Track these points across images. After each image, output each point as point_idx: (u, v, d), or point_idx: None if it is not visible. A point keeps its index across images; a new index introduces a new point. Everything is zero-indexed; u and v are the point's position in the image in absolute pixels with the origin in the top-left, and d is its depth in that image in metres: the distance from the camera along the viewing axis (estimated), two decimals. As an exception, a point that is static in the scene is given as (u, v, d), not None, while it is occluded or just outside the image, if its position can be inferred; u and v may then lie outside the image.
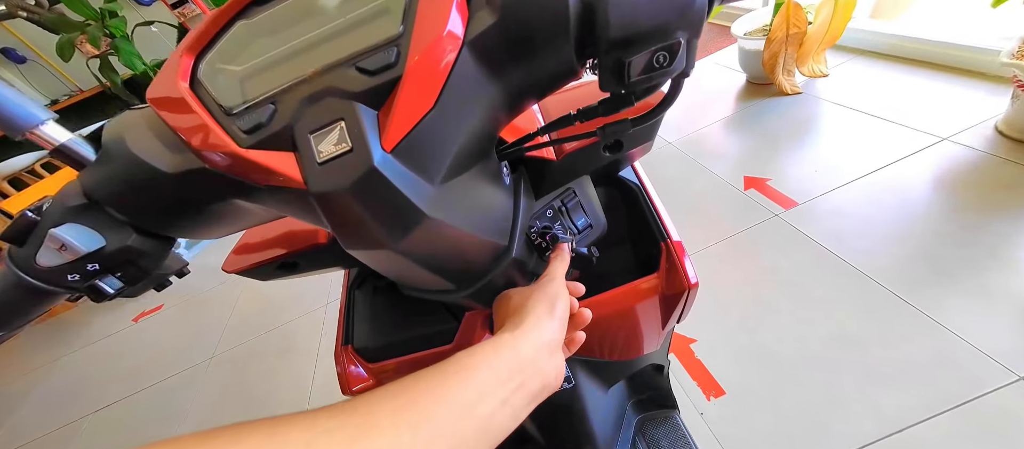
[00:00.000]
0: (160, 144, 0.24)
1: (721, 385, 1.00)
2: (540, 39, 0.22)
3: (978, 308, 0.92)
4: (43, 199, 0.26)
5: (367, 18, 0.23)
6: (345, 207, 0.21)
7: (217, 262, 2.78)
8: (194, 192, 0.25)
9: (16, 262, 0.25)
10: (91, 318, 2.64)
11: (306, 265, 0.44)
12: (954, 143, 1.25)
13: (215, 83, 0.24)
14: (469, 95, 0.23)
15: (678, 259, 0.39)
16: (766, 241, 1.24)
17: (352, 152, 0.20)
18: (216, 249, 2.78)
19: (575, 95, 0.38)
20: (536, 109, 0.44)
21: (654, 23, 0.21)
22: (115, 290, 0.27)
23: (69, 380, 2.17)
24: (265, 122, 0.22)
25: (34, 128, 0.23)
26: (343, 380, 0.43)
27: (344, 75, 0.22)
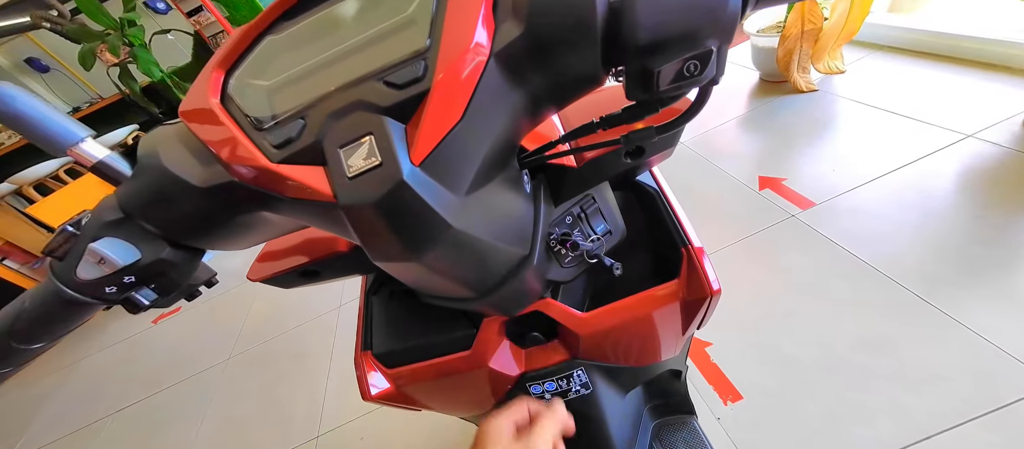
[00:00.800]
0: (192, 158, 0.25)
1: (738, 389, 0.98)
2: (566, 47, 0.22)
3: (1006, 310, 0.89)
4: (82, 213, 0.27)
5: (393, 30, 0.23)
6: (374, 220, 0.21)
7: (232, 265, 2.86)
8: (224, 205, 0.26)
9: (57, 275, 0.26)
10: (110, 321, 2.71)
11: (327, 273, 0.44)
12: (979, 140, 1.22)
13: (245, 97, 0.25)
14: (495, 106, 0.23)
15: (699, 265, 0.38)
16: (783, 242, 1.22)
17: (381, 166, 0.21)
18: (231, 253, 2.83)
19: (595, 100, 0.38)
20: (556, 115, 0.44)
21: (684, 30, 0.20)
22: (149, 302, 0.28)
23: (90, 381, 2.24)
24: (295, 137, 0.22)
25: (74, 145, 0.24)
26: (363, 385, 0.43)
27: (372, 89, 0.22)
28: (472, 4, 0.22)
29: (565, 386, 0.46)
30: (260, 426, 1.50)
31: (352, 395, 1.43)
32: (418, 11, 0.23)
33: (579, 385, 0.47)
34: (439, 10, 0.23)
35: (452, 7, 0.22)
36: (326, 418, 1.40)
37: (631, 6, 0.20)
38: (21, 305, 0.27)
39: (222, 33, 3.85)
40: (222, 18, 3.62)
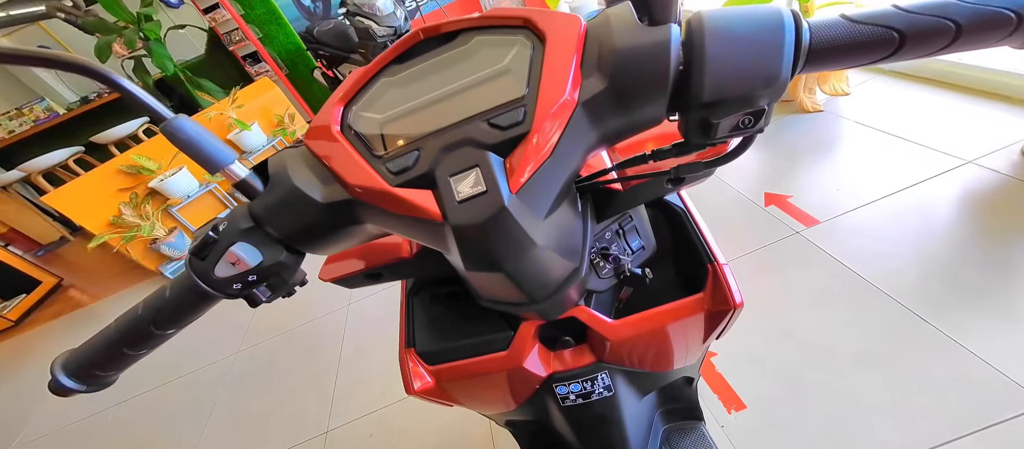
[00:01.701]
0: (315, 178, 0.29)
1: (742, 399, 1.02)
2: (641, 99, 0.26)
3: (1002, 331, 0.93)
4: (216, 220, 0.31)
5: (492, 77, 0.28)
6: (476, 237, 0.25)
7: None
8: (338, 218, 0.29)
9: (196, 271, 0.30)
10: (113, 309, 2.73)
11: (388, 275, 0.48)
12: (979, 166, 1.26)
13: (363, 128, 0.29)
14: (575, 145, 0.27)
15: (724, 279, 0.42)
16: (788, 258, 1.26)
17: (486, 194, 0.24)
18: (239, 247, 2.86)
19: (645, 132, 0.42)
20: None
21: (743, 91, 0.24)
22: (265, 298, 0.32)
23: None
24: (411, 166, 0.26)
25: (226, 166, 0.28)
26: (407, 379, 0.46)
27: (478, 128, 0.26)
28: (564, 61, 0.26)
29: (589, 388, 0.50)
30: (269, 421, 1.52)
31: (362, 391, 1.46)
32: (513, 62, 0.28)
33: (602, 388, 0.50)
34: (534, 63, 0.27)
35: (548, 63, 0.26)
36: (335, 414, 1.43)
37: (699, 69, 0.24)
38: (163, 296, 0.31)
39: (236, 30, 3.90)
40: (238, 16, 3.67)
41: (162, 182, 2.60)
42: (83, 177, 2.54)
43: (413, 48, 0.32)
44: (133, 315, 0.32)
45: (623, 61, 0.25)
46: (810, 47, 0.25)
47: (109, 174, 2.55)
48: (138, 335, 0.32)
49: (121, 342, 0.32)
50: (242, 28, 3.81)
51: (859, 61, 0.26)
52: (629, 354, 0.47)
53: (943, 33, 0.24)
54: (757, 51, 0.24)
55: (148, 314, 0.31)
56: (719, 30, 0.24)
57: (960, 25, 0.24)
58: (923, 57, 0.25)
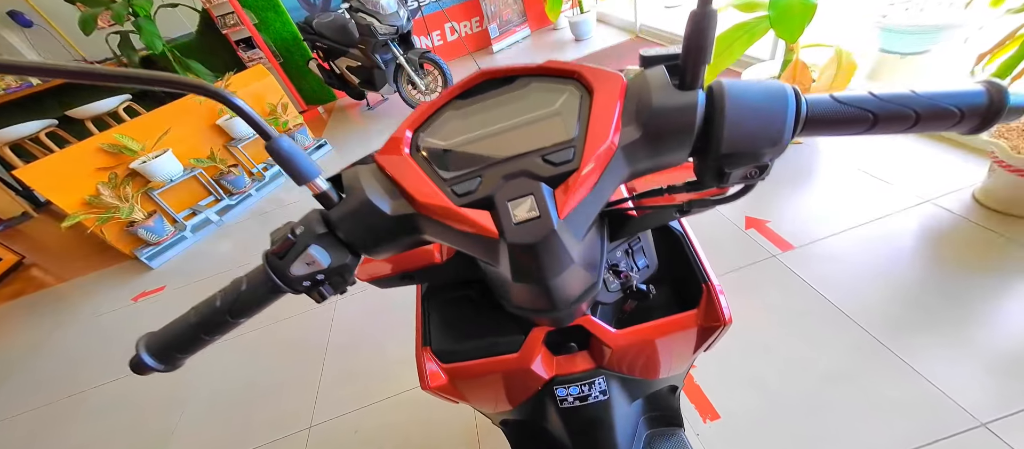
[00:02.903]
0: (384, 192, 0.33)
1: (717, 410, 1.08)
2: (668, 147, 0.31)
3: (950, 358, 1.02)
4: (292, 224, 0.34)
5: (545, 118, 0.32)
6: (527, 254, 0.29)
7: (223, 249, 2.83)
8: (402, 228, 0.33)
9: (274, 269, 0.33)
10: (88, 294, 2.62)
11: (420, 277, 0.51)
12: (936, 206, 1.38)
13: (430, 153, 0.33)
14: (612, 180, 0.31)
15: (717, 298, 0.47)
16: (764, 279, 1.34)
17: (539, 218, 0.29)
18: (220, 235, 2.80)
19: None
20: None
21: (753, 149, 0.30)
22: (329, 294, 0.35)
23: (65, 356, 2.16)
24: (473, 190, 0.31)
25: (313, 180, 0.31)
26: (423, 376, 0.50)
27: (534, 162, 0.31)
28: (608, 112, 0.31)
29: (586, 391, 0.54)
30: (248, 414, 1.50)
31: (347, 389, 1.46)
32: (564, 107, 0.32)
33: (598, 392, 0.54)
34: (582, 110, 0.32)
35: (595, 112, 0.31)
36: (319, 410, 1.42)
37: (719, 129, 0.30)
38: (239, 289, 0.34)
39: (231, 14, 3.82)
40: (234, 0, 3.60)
41: (145, 164, 2.53)
42: (61, 153, 2.44)
43: (476, 87, 0.36)
44: (212, 304, 0.35)
45: (657, 117, 0.30)
46: (806, 118, 0.31)
47: (89, 152, 2.46)
48: (214, 322, 0.35)
49: (199, 328, 0.34)
50: (238, 12, 3.74)
51: (841, 132, 0.32)
52: (626, 362, 0.52)
53: (906, 119, 0.30)
54: (766, 118, 0.30)
55: (225, 304, 0.34)
56: (736, 98, 0.30)
57: (919, 114, 0.30)
58: (891, 134, 0.31)
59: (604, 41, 3.95)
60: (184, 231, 2.73)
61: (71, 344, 2.21)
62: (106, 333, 2.21)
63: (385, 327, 1.61)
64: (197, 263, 2.56)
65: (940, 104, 0.30)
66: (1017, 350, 1.00)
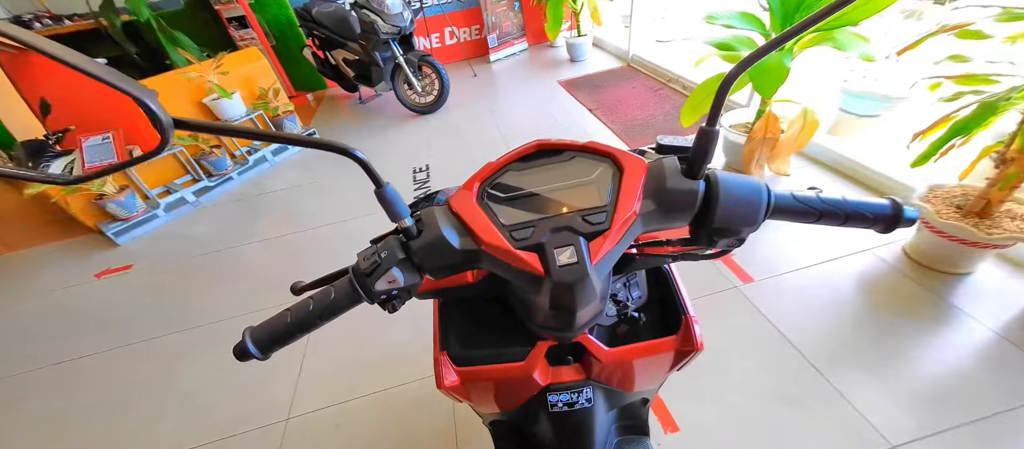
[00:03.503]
0: (454, 231, 0.41)
1: (677, 423, 1.20)
2: (674, 217, 0.41)
3: (872, 389, 1.19)
4: (376, 249, 0.42)
5: (584, 185, 0.42)
6: (566, 291, 0.38)
7: (197, 231, 2.77)
8: (466, 260, 0.41)
9: (361, 284, 0.40)
10: (43, 267, 2.47)
11: (454, 293, 0.59)
12: (874, 255, 1.58)
13: (494, 205, 0.43)
14: (631, 237, 0.41)
15: (692, 328, 0.57)
16: (727, 307, 1.49)
17: (578, 264, 0.38)
18: (196, 217, 2.71)
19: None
20: None
21: (736, 227, 0.40)
22: (399, 307, 0.43)
23: (18, 331, 2.03)
24: (528, 237, 0.39)
25: (403, 218, 0.39)
26: (439, 376, 0.57)
27: (575, 220, 0.40)
28: (633, 187, 0.41)
29: (575, 398, 0.63)
30: (220, 403, 1.49)
31: (329, 383, 1.48)
32: (599, 179, 0.43)
33: (584, 400, 0.63)
34: (614, 184, 0.42)
35: (624, 187, 0.41)
36: (298, 403, 1.44)
37: (713, 211, 0.40)
38: (329, 297, 0.41)
39: (226, -11, 3.71)
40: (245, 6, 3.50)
41: (124, 136, 2.43)
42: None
43: (532, 154, 0.46)
44: (305, 308, 0.41)
45: (668, 196, 0.41)
46: (773, 208, 0.42)
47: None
48: (306, 322, 0.41)
49: (294, 325, 0.41)
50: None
51: (795, 221, 0.43)
52: (612, 375, 0.61)
53: (838, 217, 0.42)
54: (747, 206, 0.40)
55: (317, 309, 0.41)
56: (727, 190, 0.41)
57: (847, 216, 0.42)
58: (829, 226, 0.43)
59: (598, 65, 4.13)
60: (157, 209, 2.63)
61: (24, 320, 2.09)
62: (64, 310, 2.10)
63: (370, 325, 1.64)
64: (169, 244, 2.48)
65: (860, 211, 0.42)
66: (925, 386, 1.18)
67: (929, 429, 1.09)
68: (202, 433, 1.40)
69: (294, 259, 2.17)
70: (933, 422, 1.10)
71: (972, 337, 1.27)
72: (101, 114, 2.25)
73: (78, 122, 2.22)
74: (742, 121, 2.17)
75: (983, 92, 1.23)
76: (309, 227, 2.39)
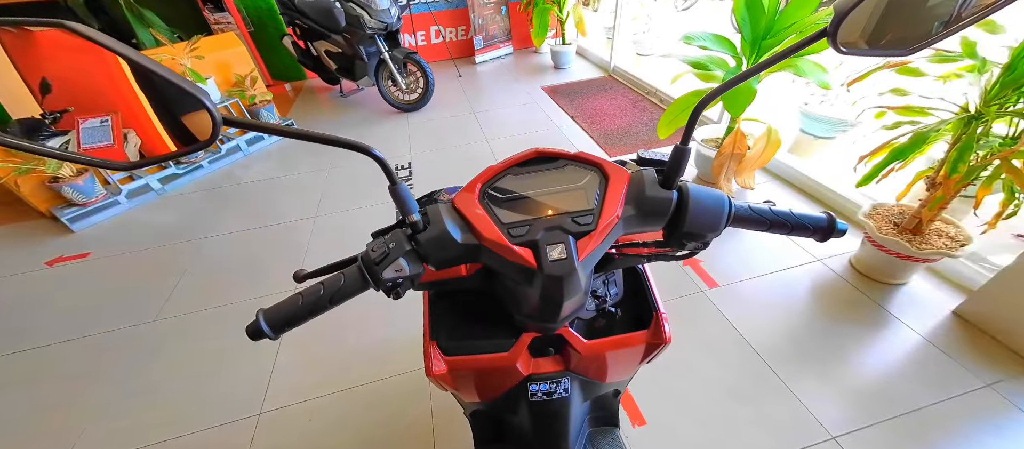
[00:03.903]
0: (457, 227, 0.45)
1: (644, 417, 1.27)
2: (651, 221, 0.47)
3: (818, 385, 1.31)
4: (385, 240, 0.45)
5: (574, 189, 0.47)
6: (556, 284, 0.43)
7: (161, 220, 2.67)
8: (467, 254, 0.45)
9: (370, 272, 0.43)
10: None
11: (448, 285, 0.62)
12: (824, 265, 1.73)
13: (494, 202, 0.47)
14: (613, 237, 0.46)
15: (662, 323, 0.63)
16: (693, 310, 1.59)
17: (567, 259, 0.42)
18: (161, 205, 2.59)
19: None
20: None
21: (703, 232, 0.47)
22: (403, 294, 0.46)
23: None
24: (524, 234, 0.44)
25: (413, 213, 0.43)
26: (428, 364, 0.60)
27: (566, 221, 0.45)
28: (616, 194, 0.46)
29: (553, 388, 0.67)
30: (187, 398, 1.45)
31: (302, 377, 1.46)
32: (587, 185, 0.48)
33: (562, 390, 0.67)
34: (600, 190, 0.47)
35: (608, 193, 0.46)
36: (272, 397, 1.42)
37: (684, 218, 0.46)
38: (339, 282, 0.43)
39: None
40: None
41: (85, 117, 2.29)
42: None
43: (530, 160, 0.51)
44: (317, 292, 0.44)
45: (646, 203, 0.47)
46: (734, 217, 0.49)
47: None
48: (316, 306, 0.44)
49: (305, 309, 0.44)
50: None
51: (751, 229, 0.50)
52: (589, 367, 0.66)
53: (785, 227, 0.50)
54: (711, 215, 0.47)
55: (327, 294, 0.44)
56: (695, 200, 0.47)
57: (792, 226, 0.49)
58: (778, 235, 0.50)
59: (581, 74, 4.25)
60: (118, 195, 2.50)
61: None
62: (9, 299, 1.95)
63: (347, 317, 1.64)
64: (130, 233, 2.35)
65: (802, 222, 0.50)
66: (863, 383, 1.31)
67: (865, 421, 1.21)
68: (161, 430, 1.35)
69: (264, 252, 2.12)
70: (869, 415, 1.22)
71: (904, 340, 1.42)
72: (100, 98, 2.16)
73: (76, 104, 2.13)
74: (713, 137, 2.31)
75: (919, 123, 1.39)
76: (281, 221, 2.34)
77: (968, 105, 1.30)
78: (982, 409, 1.21)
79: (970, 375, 1.30)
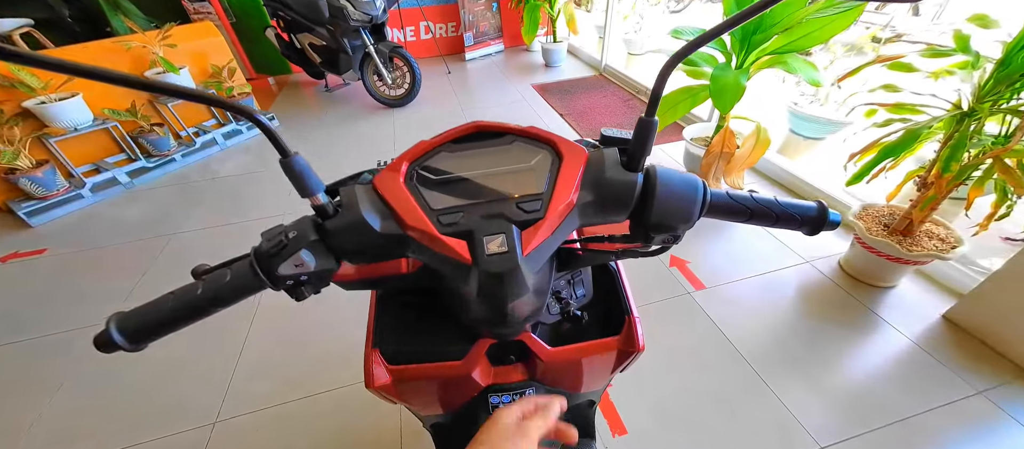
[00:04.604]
0: (376, 212, 0.37)
1: (625, 425, 1.21)
2: (612, 210, 0.40)
3: (805, 391, 1.26)
4: (285, 227, 0.37)
5: (521, 172, 0.40)
6: (494, 281, 0.35)
7: (128, 215, 2.55)
8: (388, 246, 0.38)
9: (263, 267, 0.35)
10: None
11: (383, 284, 0.54)
12: (812, 266, 1.69)
13: (423, 184, 0.39)
14: (567, 229, 0.39)
15: (635, 329, 0.56)
16: (678, 313, 1.53)
17: (508, 253, 0.35)
18: (128, 199, 2.47)
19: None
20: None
21: (672, 224, 0.40)
22: (307, 294, 0.38)
23: None
24: (457, 222, 0.36)
25: (316, 194, 0.35)
26: (368, 374, 0.52)
27: (509, 207, 0.37)
28: (571, 176, 0.39)
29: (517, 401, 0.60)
30: (138, 406, 1.34)
31: (265, 384, 1.37)
32: (537, 166, 0.40)
33: None
34: (552, 172, 0.39)
35: (562, 175, 0.39)
36: (229, 405, 1.32)
37: (650, 206, 0.39)
38: (223, 279, 0.35)
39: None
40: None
41: (44, 106, 2.17)
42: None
43: (469, 135, 0.43)
44: (192, 292, 0.36)
45: (607, 187, 0.39)
46: (710, 205, 0.41)
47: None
48: (193, 309, 0.36)
49: (175, 313, 0.35)
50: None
51: (730, 219, 0.43)
52: (556, 376, 0.59)
53: (769, 217, 0.42)
54: (683, 201, 0.39)
55: (208, 293, 0.35)
56: (664, 184, 0.39)
57: (777, 216, 0.42)
58: (760, 226, 0.43)
59: (572, 72, 4.20)
60: (81, 189, 2.37)
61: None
62: (-45, 296, 1.83)
63: (313, 321, 1.55)
64: (93, 228, 2.23)
65: (790, 212, 0.42)
66: (852, 389, 1.26)
67: (854, 430, 1.16)
68: (108, 440, 1.25)
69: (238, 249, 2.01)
70: (858, 423, 1.17)
71: (894, 345, 1.37)
72: None
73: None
74: (702, 135, 2.26)
75: (910, 120, 1.34)
76: (259, 216, 2.24)
77: (961, 102, 1.26)
78: (974, 417, 1.17)
79: (961, 382, 1.25)
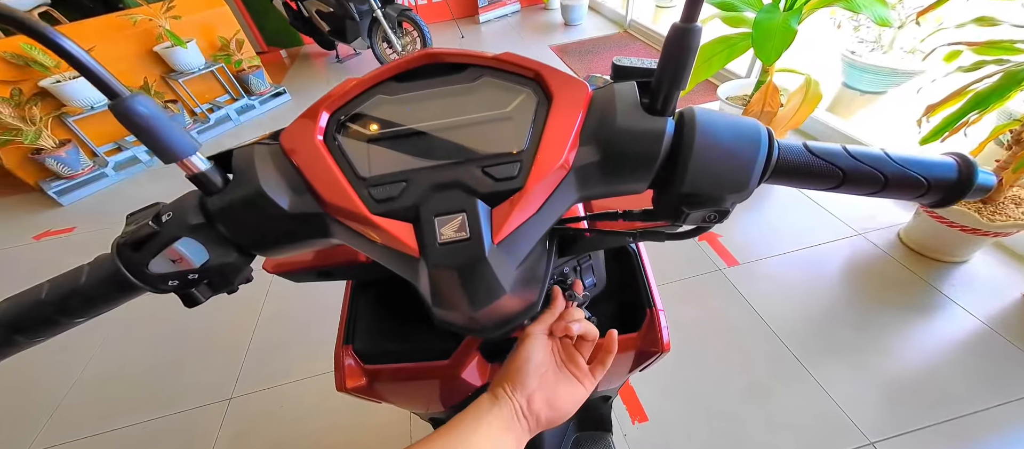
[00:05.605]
0: (285, 184, 0.26)
1: (646, 412, 1.12)
2: (627, 175, 0.27)
3: (853, 380, 1.12)
4: (158, 207, 0.26)
5: (492, 121, 0.27)
6: (450, 280, 0.24)
7: (150, 193, 2.56)
8: (304, 229, 0.27)
9: (126, 263, 0.25)
10: (-22, 224, 2.27)
11: (339, 274, 0.45)
12: (866, 239, 1.49)
13: (349, 144, 0.27)
14: (560, 204, 0.27)
15: (659, 326, 0.45)
16: (709, 291, 1.39)
17: (469, 241, 0.24)
18: (149, 177, 2.51)
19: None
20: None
21: (716, 193, 0.26)
22: (205, 298, 0.28)
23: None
24: (395, 196, 0.25)
25: (185, 158, 0.24)
26: (340, 376, 0.45)
27: (472, 174, 0.25)
28: (566, 126, 0.26)
29: None
30: (155, 379, 1.38)
31: (277, 363, 1.37)
32: (516, 112, 0.27)
33: None
34: (537, 119, 0.26)
35: (551, 124, 0.26)
36: (243, 382, 1.33)
37: (684, 165, 0.26)
38: (76, 281, 0.26)
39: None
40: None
41: (59, 84, 2.18)
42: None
43: (416, 70, 0.30)
44: (33, 298, 0.26)
45: (620, 140, 0.26)
46: (776, 166, 0.28)
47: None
48: (38, 320, 0.26)
49: (12, 326, 0.26)
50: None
51: (807, 186, 0.29)
52: None
53: (874, 181, 0.28)
54: (735, 160, 0.26)
55: (54, 299, 0.26)
56: (707, 133, 0.26)
57: (888, 179, 0.28)
58: (857, 195, 0.29)
59: (593, 30, 3.88)
60: (105, 168, 2.42)
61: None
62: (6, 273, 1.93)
63: (326, 302, 1.52)
64: (117, 206, 2.29)
65: (910, 172, 0.28)
66: (908, 379, 1.11)
67: (912, 424, 1.02)
68: (135, 412, 1.29)
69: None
70: (916, 417, 1.03)
71: (962, 328, 1.20)
72: None
73: None
74: (739, 94, 2.01)
75: (1007, 61, 1.10)
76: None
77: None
78: (1060, 414, 1.01)
79: (1046, 372, 1.08)
